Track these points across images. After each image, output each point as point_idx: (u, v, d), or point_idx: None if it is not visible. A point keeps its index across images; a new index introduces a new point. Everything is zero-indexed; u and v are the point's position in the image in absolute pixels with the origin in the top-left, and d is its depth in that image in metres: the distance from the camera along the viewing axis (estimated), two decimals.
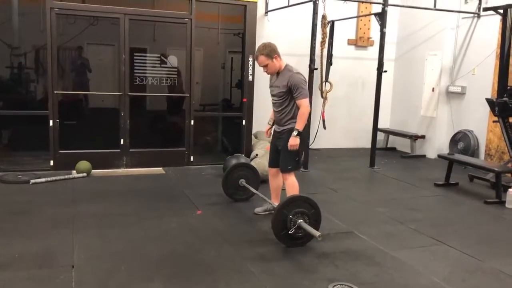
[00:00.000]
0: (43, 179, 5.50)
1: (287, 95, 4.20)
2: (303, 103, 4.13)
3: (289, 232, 3.75)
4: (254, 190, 4.89)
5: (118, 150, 6.37)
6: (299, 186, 4.36)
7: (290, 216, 3.75)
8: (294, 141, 4.14)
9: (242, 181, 5.02)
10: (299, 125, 4.13)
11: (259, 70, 6.91)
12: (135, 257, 3.53)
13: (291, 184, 4.32)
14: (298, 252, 3.77)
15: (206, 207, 4.83)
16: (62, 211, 4.52)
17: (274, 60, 4.17)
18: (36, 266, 3.31)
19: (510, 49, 6.32)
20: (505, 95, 6.13)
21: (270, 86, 4.40)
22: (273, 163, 4.54)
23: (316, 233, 3.63)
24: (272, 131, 4.64)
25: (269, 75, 4.43)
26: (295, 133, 4.13)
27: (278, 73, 4.29)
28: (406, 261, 3.65)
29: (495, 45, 7.09)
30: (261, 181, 5.66)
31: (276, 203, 4.67)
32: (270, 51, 4.16)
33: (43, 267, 3.31)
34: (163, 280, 3.17)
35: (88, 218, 4.37)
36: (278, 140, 4.38)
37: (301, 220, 3.76)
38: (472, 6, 7.58)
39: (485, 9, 7.04)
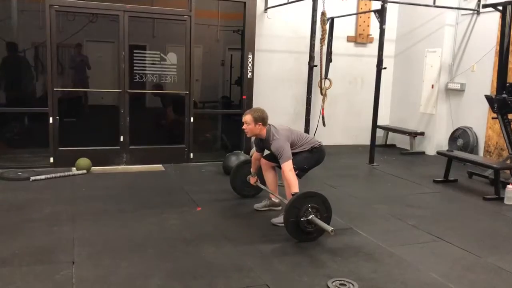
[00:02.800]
0: (43, 176, 5.51)
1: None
2: (284, 167, 4.14)
3: (301, 226, 3.79)
4: (262, 186, 4.86)
5: (118, 147, 6.38)
6: (299, 183, 4.36)
7: (302, 211, 3.78)
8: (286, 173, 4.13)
9: (249, 177, 4.95)
10: (293, 189, 4.05)
11: (258, 67, 6.97)
12: (135, 253, 3.55)
13: (290, 180, 4.18)
14: (297, 248, 3.78)
15: (206, 203, 4.84)
16: (62, 208, 4.54)
17: (256, 125, 4.30)
18: (37, 262, 3.32)
19: (509, 46, 6.32)
20: (504, 92, 6.12)
21: (259, 146, 4.56)
22: (268, 158, 4.58)
23: (329, 228, 3.66)
24: (256, 179, 4.82)
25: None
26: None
27: (262, 139, 4.41)
28: (405, 258, 3.67)
29: (494, 42, 7.09)
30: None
31: (274, 199, 4.68)
32: (259, 117, 4.31)
33: (43, 263, 3.32)
34: (163, 276, 3.18)
35: (88, 214, 4.38)
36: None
37: (313, 216, 3.78)
38: (472, 3, 7.57)
39: (485, 6, 7.04)
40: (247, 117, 4.34)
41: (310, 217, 3.79)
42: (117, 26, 6.18)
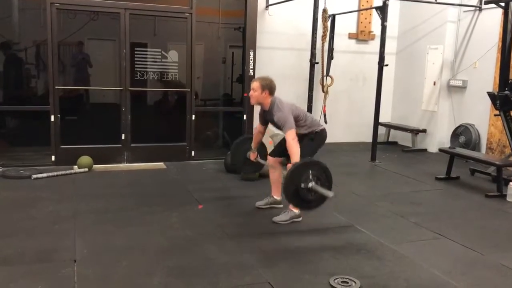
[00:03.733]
0: (44, 174, 5.52)
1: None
2: (288, 136, 4.11)
3: (301, 195, 3.75)
4: (262, 161, 4.79)
5: (120, 145, 6.38)
6: None
7: (303, 179, 3.73)
8: (289, 142, 4.09)
9: (249, 154, 4.85)
10: (294, 159, 4.02)
11: (259, 64, 6.95)
12: (136, 251, 3.55)
13: (294, 145, 4.12)
14: (299, 245, 3.78)
15: (207, 201, 4.84)
16: (63, 206, 4.54)
17: (262, 93, 4.26)
18: (39, 261, 3.32)
19: (511, 42, 6.30)
20: (506, 89, 6.11)
21: (266, 119, 4.46)
22: (275, 153, 4.54)
23: (330, 193, 3.65)
24: (257, 154, 4.74)
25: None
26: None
27: (266, 110, 4.37)
28: (407, 255, 3.66)
29: (496, 38, 7.06)
30: (260, 176, 5.69)
31: (276, 197, 4.68)
32: (266, 85, 4.27)
33: (45, 261, 3.32)
34: (164, 274, 3.18)
35: (89, 213, 4.38)
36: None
37: (313, 183, 3.74)
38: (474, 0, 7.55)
39: (487, 2, 7.00)
40: (255, 84, 4.30)
41: (310, 185, 3.74)
42: (118, 24, 6.17)
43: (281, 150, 4.45)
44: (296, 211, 4.27)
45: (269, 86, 4.29)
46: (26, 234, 3.80)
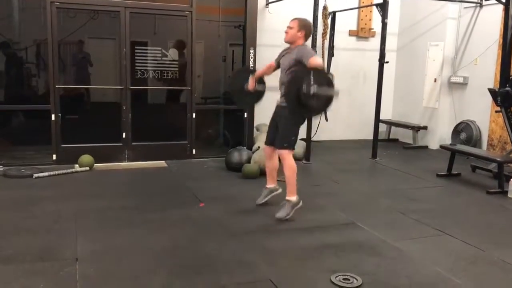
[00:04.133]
0: (46, 173, 5.52)
1: (295, 66, 4.18)
2: (313, 60, 4.01)
3: (303, 100, 3.73)
4: (261, 88, 4.74)
5: (120, 144, 6.38)
6: (302, 178, 4.36)
7: (304, 86, 3.72)
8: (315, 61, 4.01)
9: (247, 85, 4.76)
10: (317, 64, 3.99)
11: (260, 62, 6.92)
12: (138, 250, 3.55)
13: (290, 166, 4.22)
14: (301, 243, 3.78)
15: (209, 199, 4.84)
16: (65, 205, 4.54)
17: (298, 33, 4.24)
18: (40, 260, 3.32)
19: None
20: (507, 85, 6.09)
21: (281, 58, 4.40)
22: (269, 140, 4.50)
23: (334, 91, 3.69)
24: (255, 84, 4.63)
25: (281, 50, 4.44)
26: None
27: (288, 50, 4.32)
28: (408, 252, 3.66)
29: (497, 35, 7.05)
30: (261, 174, 5.69)
31: (271, 185, 4.65)
32: (304, 25, 4.26)
33: (47, 260, 3.32)
34: (166, 272, 3.19)
35: (91, 211, 4.39)
36: (279, 117, 4.35)
37: (316, 86, 3.73)
38: None
39: None
40: (294, 22, 4.27)
41: (313, 90, 3.71)
42: (118, 22, 6.16)
43: (273, 134, 4.43)
44: (294, 198, 4.25)
45: (306, 28, 4.28)
46: (28, 233, 3.80)
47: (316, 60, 4.04)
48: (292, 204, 4.27)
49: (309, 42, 4.60)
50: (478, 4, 7.46)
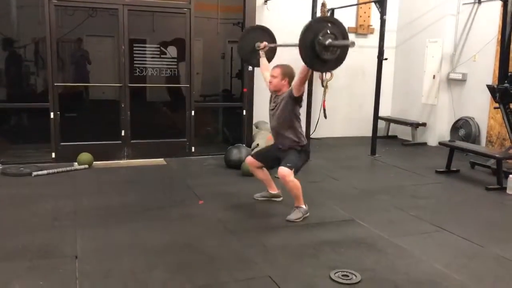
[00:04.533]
0: (45, 171, 5.52)
1: (286, 110, 4.23)
2: (297, 79, 4.11)
3: (318, 51, 3.68)
4: (272, 45, 4.87)
5: (119, 142, 6.38)
6: (301, 175, 4.36)
7: (318, 38, 3.66)
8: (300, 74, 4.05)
9: (258, 44, 4.89)
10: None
11: None
12: (137, 247, 3.55)
13: (294, 187, 4.15)
14: (300, 240, 3.79)
15: (208, 197, 4.85)
16: (64, 202, 4.55)
17: (282, 81, 4.30)
18: (40, 257, 3.33)
19: (511, 35, 6.28)
20: (506, 82, 6.10)
21: (271, 103, 4.43)
22: (260, 159, 4.52)
23: (348, 41, 3.63)
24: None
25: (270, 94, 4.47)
26: None
27: (278, 94, 4.36)
28: (407, 248, 3.67)
29: (496, 31, 7.05)
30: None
31: (272, 191, 4.67)
32: (287, 72, 4.32)
33: (46, 258, 3.33)
34: (166, 270, 3.19)
35: (90, 209, 4.39)
36: (280, 153, 4.33)
37: (329, 40, 3.67)
38: None
39: None
40: (277, 70, 4.32)
41: (328, 42, 3.66)
42: (116, 20, 6.15)
43: (265, 157, 4.48)
44: (304, 206, 4.26)
45: (290, 75, 4.32)
46: (27, 231, 3.81)
47: (298, 77, 4.07)
48: (303, 210, 4.25)
49: None
50: (477, 1, 7.45)
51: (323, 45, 3.67)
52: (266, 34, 5.06)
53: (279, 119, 4.29)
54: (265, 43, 4.85)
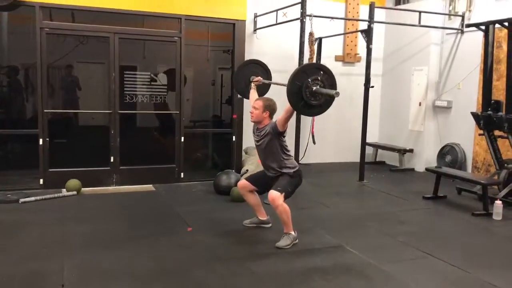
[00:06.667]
0: (32, 198, 5.48)
1: (272, 142, 4.30)
2: (282, 116, 4.19)
3: (304, 98, 3.83)
4: (267, 82, 5.00)
5: (108, 168, 6.36)
6: (289, 201, 4.38)
7: (304, 85, 3.80)
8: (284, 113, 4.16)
9: (253, 77, 5.01)
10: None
11: None
12: (125, 275, 3.53)
13: (284, 211, 4.18)
14: (289, 266, 3.79)
15: (197, 223, 4.83)
16: (51, 230, 4.50)
17: (263, 113, 4.37)
18: (27, 285, 3.29)
19: (493, 64, 6.47)
20: (489, 109, 6.25)
21: (254, 135, 4.51)
22: (254, 182, 4.57)
23: (333, 91, 3.75)
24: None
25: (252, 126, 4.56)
26: None
27: (259, 127, 4.45)
28: (395, 275, 3.68)
29: (478, 60, 7.25)
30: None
31: (261, 217, 4.69)
32: (269, 106, 4.40)
33: (33, 286, 3.29)
34: None
35: (78, 236, 4.36)
36: (272, 179, 4.38)
37: (316, 87, 3.82)
38: (456, 23, 7.76)
39: (468, 26, 7.21)
40: (258, 102, 4.39)
41: (314, 88, 3.80)
42: (107, 47, 6.22)
43: (257, 181, 4.52)
44: (293, 233, 4.27)
45: (271, 108, 4.39)
46: (14, 259, 3.76)
47: (284, 116, 4.15)
48: (292, 237, 4.26)
49: None
50: (460, 31, 7.68)
51: (310, 90, 3.84)
52: (263, 69, 5.23)
53: (265, 150, 4.36)
54: (259, 78, 4.98)
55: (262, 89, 5.11)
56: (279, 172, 4.33)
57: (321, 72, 3.92)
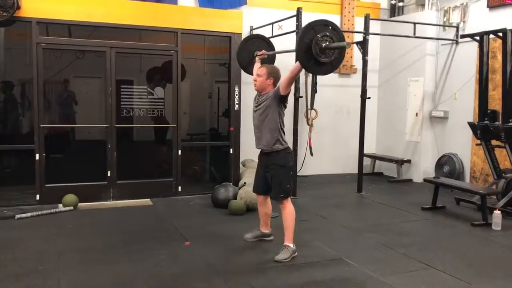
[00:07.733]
0: (29, 214, 5.43)
1: (270, 108, 4.22)
2: (287, 76, 4.13)
3: (314, 54, 3.77)
4: (270, 53, 4.93)
5: (105, 182, 6.33)
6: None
7: (314, 42, 3.73)
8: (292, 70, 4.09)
9: (257, 52, 4.94)
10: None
11: (245, 99, 7.03)
12: None
13: (290, 212, 4.26)
14: (288, 280, 3.75)
15: (195, 237, 4.79)
16: (48, 246, 4.46)
17: (267, 80, 4.31)
18: None
19: (488, 74, 6.51)
20: (486, 119, 6.27)
21: (254, 102, 4.43)
22: (260, 189, 4.52)
23: (344, 42, 3.69)
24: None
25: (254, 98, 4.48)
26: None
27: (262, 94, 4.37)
28: (396, 287, 3.65)
29: (474, 70, 7.29)
30: (248, 210, 5.70)
31: (264, 230, 4.66)
32: (272, 72, 4.34)
33: None
34: None
35: (74, 252, 4.31)
36: (268, 170, 4.37)
37: (326, 43, 3.75)
38: (451, 33, 7.82)
39: (463, 36, 7.27)
40: (262, 69, 4.33)
41: (324, 44, 3.74)
42: (104, 61, 6.22)
43: (263, 183, 4.46)
44: (292, 246, 4.24)
45: (275, 75, 4.34)
46: (10, 276, 3.71)
47: (288, 75, 4.08)
48: (292, 250, 4.24)
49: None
50: (454, 41, 7.73)
51: (320, 47, 3.78)
52: (267, 44, 5.20)
53: (261, 116, 4.27)
54: (263, 51, 4.92)
55: (267, 64, 4.97)
56: (271, 142, 4.23)
57: (330, 28, 3.85)
